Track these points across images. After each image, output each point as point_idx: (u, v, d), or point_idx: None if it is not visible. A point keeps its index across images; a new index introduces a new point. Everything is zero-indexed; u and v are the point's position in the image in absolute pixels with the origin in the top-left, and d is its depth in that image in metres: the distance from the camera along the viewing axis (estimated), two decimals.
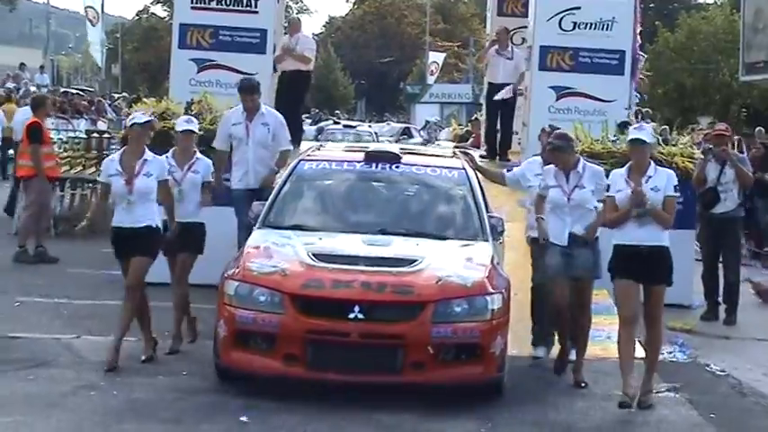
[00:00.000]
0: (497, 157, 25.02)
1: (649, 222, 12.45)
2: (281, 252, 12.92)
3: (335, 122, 64.42)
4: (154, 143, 18.93)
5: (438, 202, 14.69)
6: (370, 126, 65.50)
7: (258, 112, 16.23)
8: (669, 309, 17.06)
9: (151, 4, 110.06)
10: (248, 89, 16.57)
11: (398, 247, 13.19)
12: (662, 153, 18.93)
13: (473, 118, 39.32)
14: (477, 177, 15.48)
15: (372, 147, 16.99)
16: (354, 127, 60.99)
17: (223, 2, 23.52)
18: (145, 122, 14.19)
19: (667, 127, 21.92)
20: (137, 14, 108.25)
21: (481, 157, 26.16)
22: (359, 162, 15.14)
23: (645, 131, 12.80)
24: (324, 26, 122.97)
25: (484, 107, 28.58)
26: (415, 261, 12.52)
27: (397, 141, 53.22)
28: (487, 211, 14.71)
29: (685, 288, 18.02)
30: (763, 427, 13.14)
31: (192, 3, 23.66)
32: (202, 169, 14.80)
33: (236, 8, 23.51)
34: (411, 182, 14.80)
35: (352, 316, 11.73)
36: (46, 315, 16.79)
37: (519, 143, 24.96)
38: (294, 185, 14.70)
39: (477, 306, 12.16)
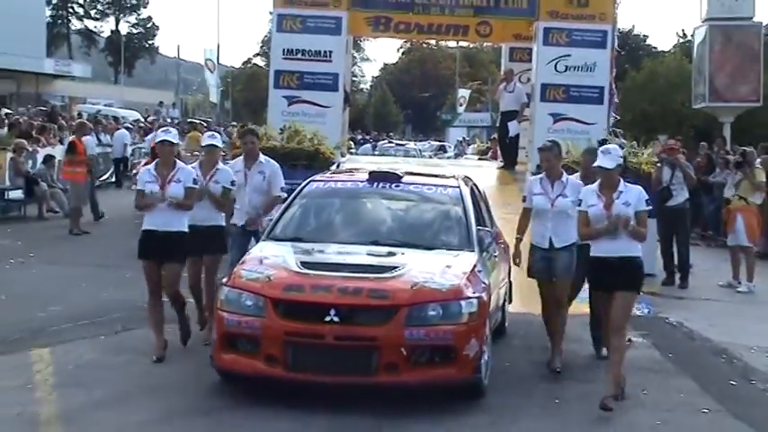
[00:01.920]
0: (514, 166, 25.39)
1: (621, 235, 10.43)
2: (273, 261, 10.91)
3: (389, 141, 64.78)
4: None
5: (430, 216, 12.43)
6: (414, 144, 65.60)
7: (257, 161, 14.05)
8: None
9: (253, 56, 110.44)
10: (245, 133, 15.38)
11: (384, 256, 11.10)
12: (632, 162, 19.07)
13: (492, 137, 39.40)
14: (475, 194, 13.30)
15: (376, 168, 14.29)
16: (403, 145, 61.15)
17: (306, 54, 23.62)
18: (163, 141, 12.15)
19: (635, 142, 21.87)
20: (242, 64, 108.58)
21: (498, 168, 26.40)
22: (362, 182, 13.08)
23: (609, 157, 10.62)
24: (380, 70, 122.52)
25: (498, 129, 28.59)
26: (396, 268, 10.53)
27: (434, 156, 53.46)
28: (485, 225, 12.80)
29: (650, 262, 18.06)
30: (707, 362, 13.19)
31: (283, 55, 23.74)
32: (222, 178, 13.01)
33: (315, 58, 23.55)
34: (407, 198, 12.64)
35: (327, 319, 9.73)
36: None
37: (526, 156, 24.90)
38: (300, 203, 12.68)
39: (451, 310, 10.07)
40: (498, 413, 10.16)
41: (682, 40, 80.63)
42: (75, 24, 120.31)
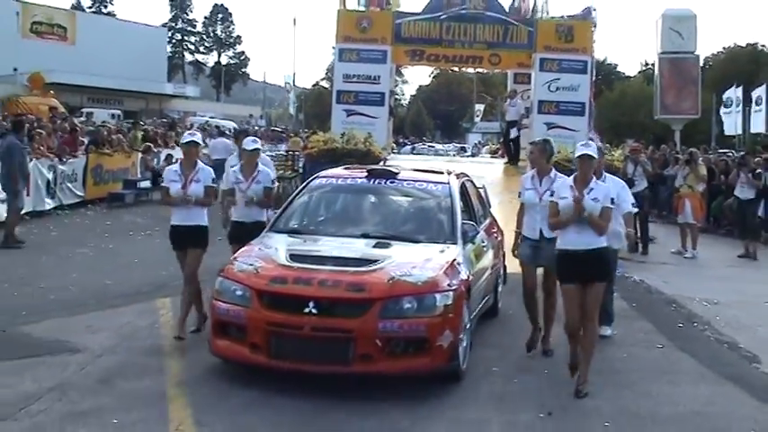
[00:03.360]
0: (516, 163, 25.32)
1: (587, 229, 8.65)
2: (265, 252, 9.18)
3: (423, 143, 65.04)
4: (320, 159, 19.38)
5: (420, 210, 10.44)
6: (442, 146, 65.70)
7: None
8: None
9: (320, 80, 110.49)
10: (240, 133, 13.39)
11: (369, 249, 9.27)
12: (609, 159, 19.05)
13: (500, 141, 39.44)
14: (466, 189, 11.25)
15: (377, 166, 12.51)
16: (433, 146, 61.50)
17: (360, 78, 23.74)
18: (189, 142, 10.53)
19: (609, 144, 21.85)
20: (312, 86, 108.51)
21: (505, 163, 26.41)
22: (361, 178, 10.89)
23: (591, 148, 8.99)
24: (416, 90, 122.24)
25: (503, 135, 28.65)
26: (377, 261, 8.77)
27: (456, 154, 53.51)
28: (474, 217, 10.85)
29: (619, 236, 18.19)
30: (661, 310, 13.09)
31: (343, 79, 23.95)
32: (263, 179, 10.85)
33: (367, 81, 23.69)
34: (400, 194, 10.67)
35: (306, 311, 8.08)
36: None
37: (527, 155, 24.91)
38: (302, 197, 10.76)
39: (425, 303, 8.32)
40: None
41: (644, 68, 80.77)
42: (188, 57, 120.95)
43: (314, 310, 8.08)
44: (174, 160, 25.86)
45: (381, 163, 20.82)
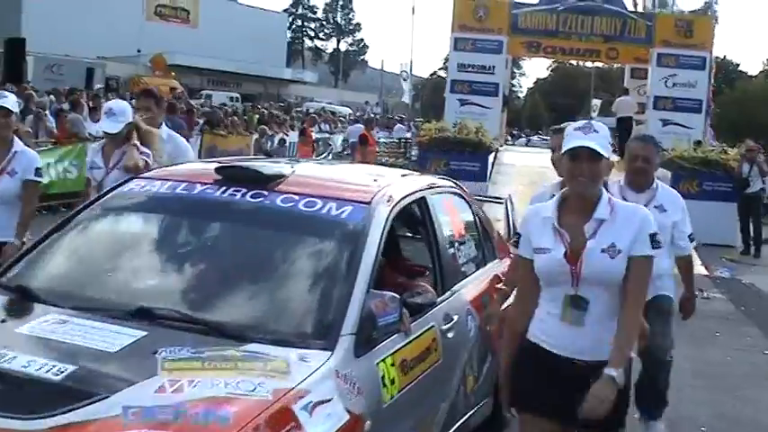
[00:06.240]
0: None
1: (598, 312, 3.94)
2: None
3: (538, 137, 64.89)
4: (432, 147, 19.41)
5: (283, 262, 4.61)
6: None
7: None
8: (723, 248, 16.85)
9: (438, 69, 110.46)
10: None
11: (115, 356, 3.78)
12: (723, 159, 18.68)
13: (615, 135, 39.18)
14: (427, 218, 5.51)
15: (241, 163, 5.55)
16: (547, 140, 60.63)
17: (475, 68, 23.75)
18: None
19: (724, 144, 21.37)
20: (429, 75, 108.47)
21: (620, 158, 25.99)
22: (205, 184, 4.94)
23: (595, 135, 3.91)
24: (534, 83, 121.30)
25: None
26: (98, 397, 3.41)
27: None
28: (440, 275, 5.41)
29: (732, 236, 17.85)
30: None
31: (457, 68, 24.02)
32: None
33: (481, 71, 23.74)
34: (264, 221, 4.78)
35: None
36: None
37: (627, 156, 24.62)
38: (84, 219, 5.20)
39: None
40: None
41: (767, 67, 78.75)
42: (308, 43, 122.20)
43: None
44: (288, 144, 26.30)
45: (492, 156, 20.75)
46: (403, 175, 6.03)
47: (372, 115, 47.03)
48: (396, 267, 5.75)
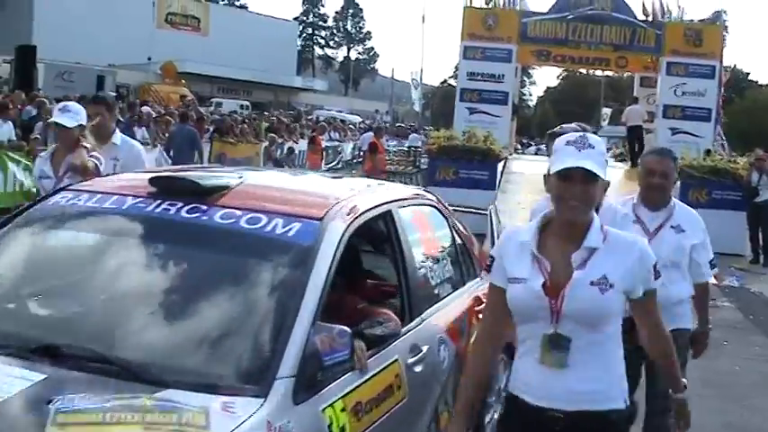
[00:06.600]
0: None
1: (581, 352, 3.36)
2: None
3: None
4: (441, 156, 19.41)
5: (216, 291, 3.86)
6: None
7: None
8: (731, 257, 16.78)
9: (448, 78, 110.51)
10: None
11: None
12: (733, 167, 18.67)
13: (624, 145, 39.09)
14: (394, 234, 4.80)
15: (179, 173, 4.63)
16: None
17: (484, 76, 23.79)
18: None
19: (733, 153, 21.43)
20: (439, 84, 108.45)
21: (627, 168, 25.95)
22: (138, 197, 4.26)
23: (590, 154, 3.33)
24: (544, 92, 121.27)
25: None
26: None
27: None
28: (408, 300, 4.73)
29: (741, 245, 17.78)
30: None
31: (467, 77, 24.06)
32: None
33: (491, 80, 23.80)
34: (201, 242, 4.09)
35: None
36: None
37: (640, 171, 24.66)
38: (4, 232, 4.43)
39: None
40: None
41: None
42: (318, 52, 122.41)
43: None
44: (297, 153, 26.34)
45: (501, 164, 20.72)
46: (368, 186, 5.36)
47: (382, 124, 47.09)
48: (357, 290, 5.07)
